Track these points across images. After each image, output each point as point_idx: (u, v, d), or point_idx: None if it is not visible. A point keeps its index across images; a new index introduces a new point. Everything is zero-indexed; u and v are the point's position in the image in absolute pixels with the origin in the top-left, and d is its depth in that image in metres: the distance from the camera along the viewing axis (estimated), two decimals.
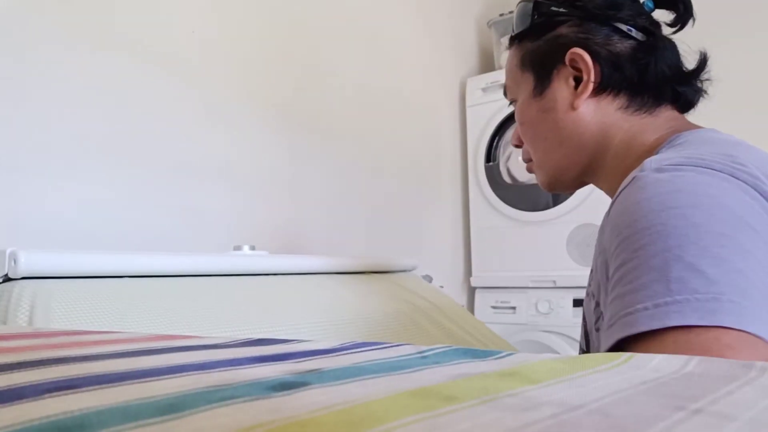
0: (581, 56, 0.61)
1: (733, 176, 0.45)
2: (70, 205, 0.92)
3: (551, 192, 0.71)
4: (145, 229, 1.01)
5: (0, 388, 0.19)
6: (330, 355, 0.28)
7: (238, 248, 0.95)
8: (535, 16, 0.65)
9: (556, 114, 0.64)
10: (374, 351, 0.29)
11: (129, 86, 1.01)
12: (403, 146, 1.68)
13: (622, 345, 0.42)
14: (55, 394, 0.18)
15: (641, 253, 0.43)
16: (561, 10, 0.63)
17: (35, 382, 0.20)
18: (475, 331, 0.97)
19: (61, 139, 0.92)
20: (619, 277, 0.45)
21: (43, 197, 0.89)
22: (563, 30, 0.63)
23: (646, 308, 0.40)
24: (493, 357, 0.28)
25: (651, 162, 0.48)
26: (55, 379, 0.20)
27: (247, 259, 0.85)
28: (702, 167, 0.46)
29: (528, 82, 0.67)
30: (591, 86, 0.61)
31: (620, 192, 0.49)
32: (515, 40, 0.68)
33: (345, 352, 0.29)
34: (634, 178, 0.48)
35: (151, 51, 1.05)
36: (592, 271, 0.61)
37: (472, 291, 1.88)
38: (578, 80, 0.62)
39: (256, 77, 1.25)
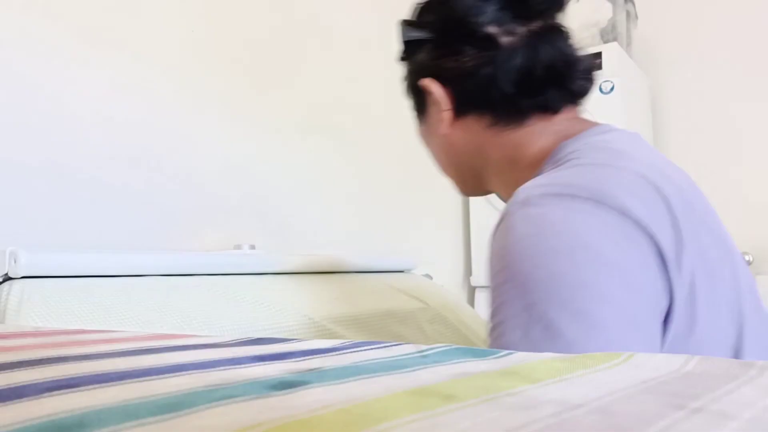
0: (429, 87, 0.60)
1: (599, 201, 0.44)
2: (69, 205, 0.92)
3: (468, 197, 0.71)
4: (145, 229, 1.01)
5: (0, 386, 0.19)
6: (330, 354, 0.28)
7: (237, 247, 0.95)
8: (402, 41, 0.63)
9: (435, 138, 0.64)
10: (374, 350, 0.29)
11: (128, 86, 1.01)
12: (403, 145, 1.68)
13: None
14: (54, 393, 0.18)
15: (506, 308, 0.43)
16: (416, 35, 0.60)
17: (35, 381, 0.20)
18: (478, 331, 0.97)
19: (60, 140, 0.91)
20: (489, 326, 0.45)
21: (43, 197, 0.89)
22: (421, 56, 0.61)
23: None
24: (493, 356, 0.28)
25: (519, 193, 0.47)
26: (54, 378, 0.20)
27: (246, 258, 0.85)
28: (568, 195, 0.45)
29: (411, 106, 0.67)
30: (446, 114, 0.60)
31: (496, 228, 0.48)
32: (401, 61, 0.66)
33: (345, 351, 0.29)
34: (505, 214, 0.47)
35: (149, 49, 1.05)
36: None
37: (472, 290, 1.88)
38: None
39: (254, 78, 1.25)
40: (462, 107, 0.59)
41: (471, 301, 1.88)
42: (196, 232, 1.09)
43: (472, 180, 0.65)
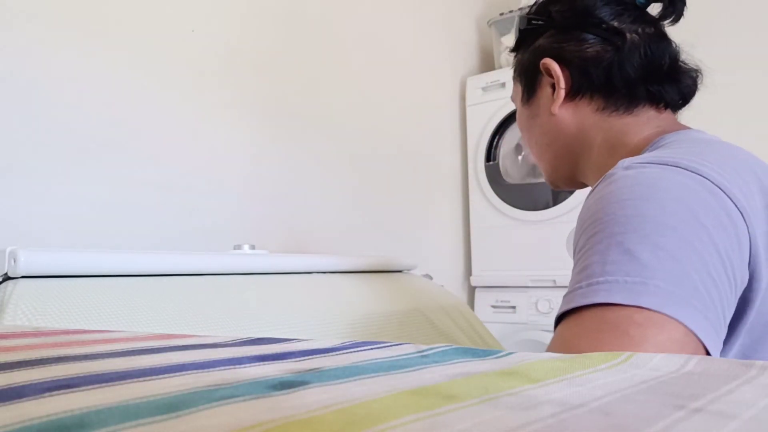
0: (550, 65, 0.64)
1: (697, 173, 0.47)
2: (70, 205, 0.92)
3: (555, 189, 0.75)
4: (145, 228, 1.01)
5: (0, 387, 0.19)
6: (330, 354, 0.28)
7: (237, 247, 0.95)
8: (521, 29, 0.70)
9: (541, 119, 0.68)
10: (374, 350, 0.29)
11: (129, 86, 1.01)
12: (403, 145, 1.68)
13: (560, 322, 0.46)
14: (55, 393, 0.18)
15: (591, 240, 0.46)
16: (540, 22, 0.67)
17: (35, 381, 0.20)
18: (480, 332, 0.97)
19: (60, 139, 0.91)
20: (574, 262, 0.48)
21: (43, 197, 0.89)
22: (542, 41, 0.67)
23: (580, 287, 0.44)
24: (493, 356, 0.28)
25: (623, 161, 0.51)
26: (55, 378, 0.20)
27: (246, 259, 0.85)
28: (668, 164, 0.48)
29: (519, 91, 0.71)
30: (562, 92, 0.64)
31: (593, 189, 0.52)
32: (514, 52, 0.73)
33: (345, 351, 0.29)
34: (605, 175, 0.51)
35: (149, 50, 1.05)
36: None
37: (472, 290, 1.88)
38: (555, 87, 0.65)
39: (257, 77, 1.25)
40: (577, 88, 0.64)
41: (471, 301, 1.88)
42: (196, 232, 1.09)
43: (566, 167, 0.69)
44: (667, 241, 0.43)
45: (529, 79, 0.69)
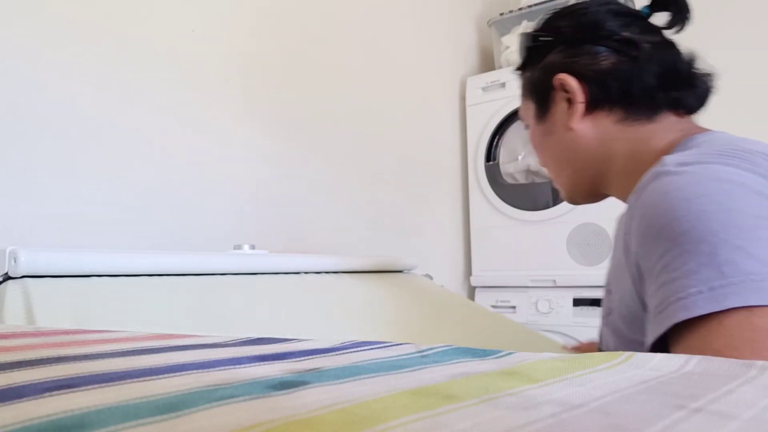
0: (566, 80, 0.64)
1: (753, 164, 0.47)
2: (70, 205, 0.92)
3: (574, 204, 0.74)
4: (145, 228, 1.01)
5: (0, 387, 0.19)
6: (329, 354, 0.28)
7: (238, 247, 0.95)
8: (528, 47, 0.69)
9: (558, 136, 0.67)
10: (374, 350, 0.29)
11: (130, 86, 1.01)
12: (403, 145, 1.68)
13: (675, 330, 0.43)
14: (54, 393, 0.18)
15: (684, 239, 0.44)
16: (548, 38, 0.66)
17: (35, 381, 0.20)
18: (477, 330, 0.96)
19: (61, 139, 0.91)
20: (663, 265, 0.45)
21: (42, 197, 0.89)
22: (552, 57, 0.66)
23: (700, 292, 0.41)
24: (493, 356, 0.28)
25: (671, 158, 0.49)
26: (54, 378, 0.20)
27: (247, 259, 0.85)
28: (724, 161, 0.47)
29: (531, 109, 0.70)
30: (581, 107, 0.63)
31: (644, 188, 0.50)
32: (520, 71, 0.72)
33: (344, 351, 0.29)
34: (657, 173, 0.49)
35: (151, 50, 1.05)
36: (610, 267, 0.63)
37: (472, 290, 1.88)
38: (571, 101, 0.65)
39: (256, 77, 1.25)
40: (594, 102, 0.63)
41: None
42: (197, 232, 1.09)
43: (587, 181, 0.68)
44: None
45: (541, 96, 0.68)
